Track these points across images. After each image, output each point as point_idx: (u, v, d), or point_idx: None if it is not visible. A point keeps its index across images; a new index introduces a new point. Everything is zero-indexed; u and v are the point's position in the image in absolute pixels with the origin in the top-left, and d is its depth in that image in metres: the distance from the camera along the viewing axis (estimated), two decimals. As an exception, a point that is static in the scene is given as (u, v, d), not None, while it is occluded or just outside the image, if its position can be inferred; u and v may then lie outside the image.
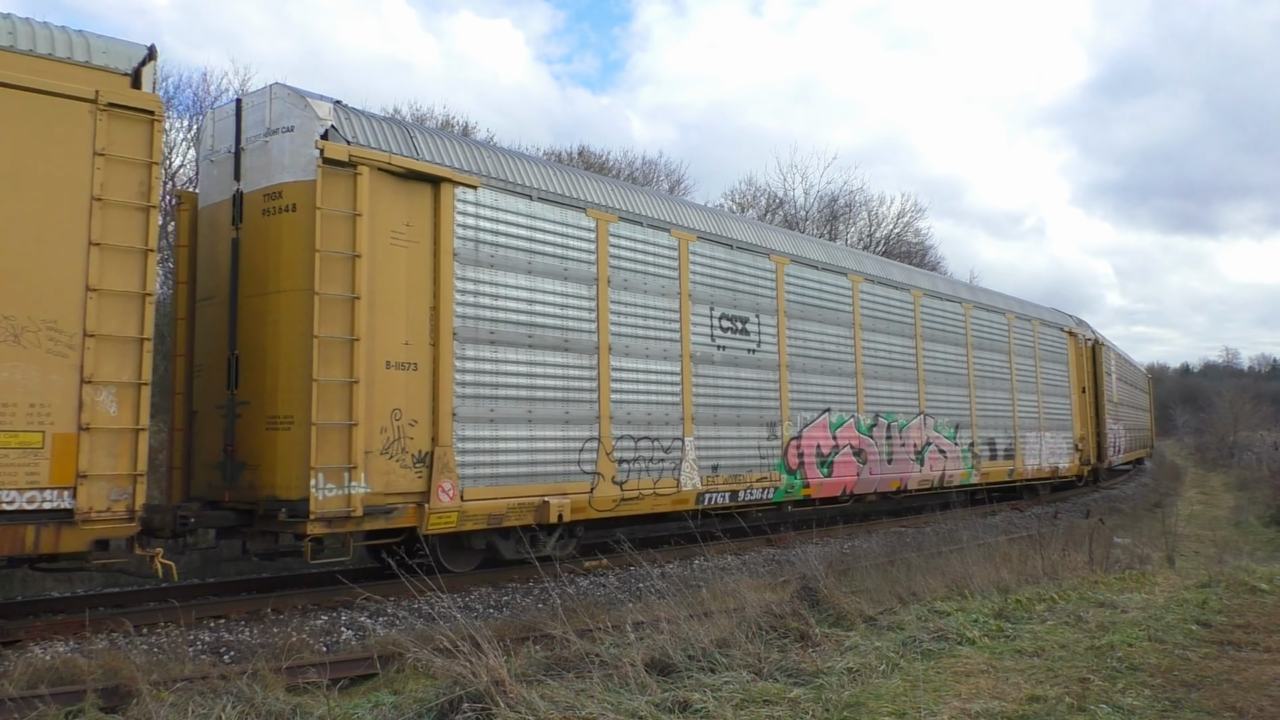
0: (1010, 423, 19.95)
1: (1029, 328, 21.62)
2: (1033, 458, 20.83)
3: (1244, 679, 5.43)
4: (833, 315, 15.04)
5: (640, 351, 11.53)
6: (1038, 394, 21.51)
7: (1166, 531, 11.68)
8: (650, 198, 12.63)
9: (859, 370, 15.37)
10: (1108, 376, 27.47)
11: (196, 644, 7.50)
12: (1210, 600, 7.77)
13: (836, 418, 14.70)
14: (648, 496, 11.29)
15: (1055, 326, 23.35)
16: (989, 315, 19.87)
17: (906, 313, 16.96)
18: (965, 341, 18.63)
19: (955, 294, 19.00)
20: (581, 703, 4.73)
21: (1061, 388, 22.98)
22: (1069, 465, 22.85)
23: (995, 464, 19.13)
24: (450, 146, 10.01)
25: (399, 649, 6.52)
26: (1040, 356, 21.99)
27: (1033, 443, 20.93)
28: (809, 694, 5.06)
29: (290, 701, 5.09)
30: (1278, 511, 20.43)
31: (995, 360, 19.83)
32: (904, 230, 42.68)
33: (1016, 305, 21.85)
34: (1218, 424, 56.33)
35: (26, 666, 6.32)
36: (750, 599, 7.08)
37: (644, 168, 35.92)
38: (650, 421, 11.50)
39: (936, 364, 17.52)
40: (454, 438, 9.33)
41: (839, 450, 14.60)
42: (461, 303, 9.60)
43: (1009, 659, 5.86)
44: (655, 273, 11.90)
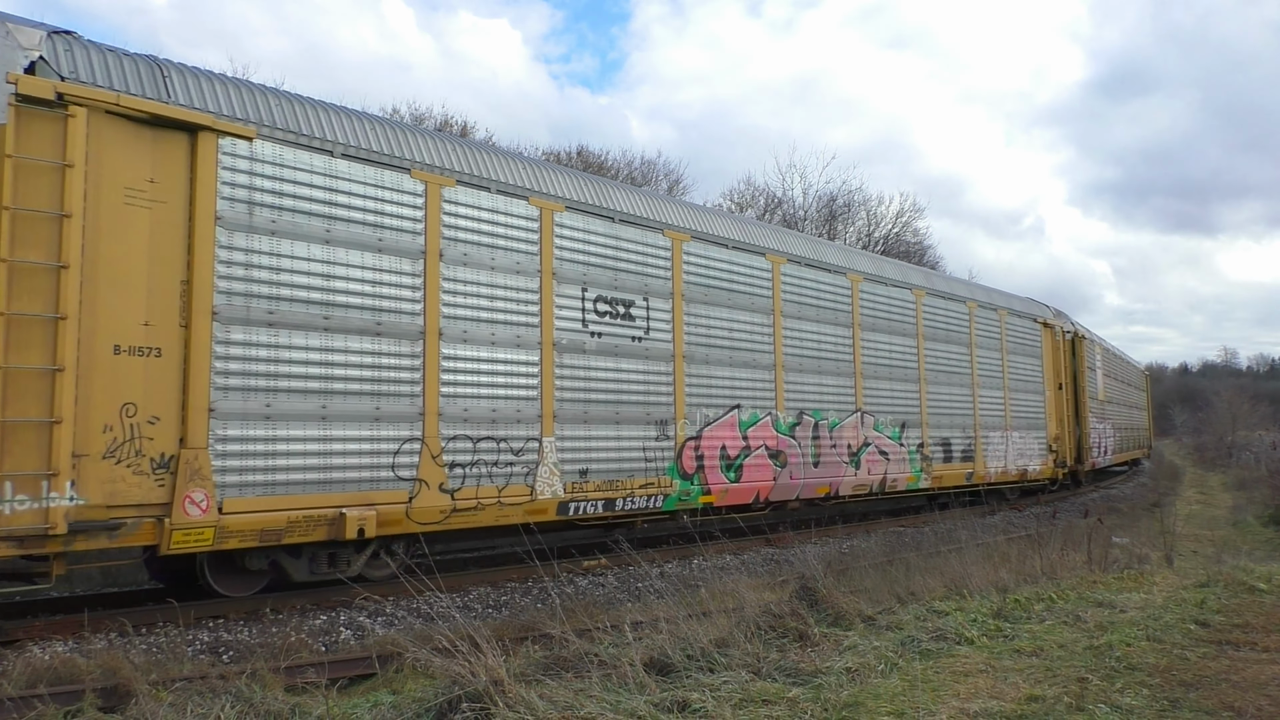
0: (970, 421, 18.23)
1: (994, 318, 19.72)
2: (996, 459, 19.09)
3: (1242, 678, 5.43)
4: (745, 300, 13.25)
5: (484, 338, 9.82)
6: (1004, 390, 19.71)
7: (1165, 531, 11.68)
8: (502, 159, 10.65)
9: (779, 363, 13.66)
10: (1091, 372, 25.51)
11: (195, 644, 7.49)
12: (1209, 600, 7.78)
13: (748, 415, 13.05)
14: (490, 506, 9.65)
15: (1027, 317, 21.35)
16: (945, 303, 17.99)
17: (843, 299, 15.19)
18: (916, 332, 16.86)
19: (905, 279, 17.18)
20: (580, 702, 4.74)
21: (1033, 383, 21.24)
22: (1040, 467, 21.09)
23: (950, 466, 17.45)
24: (218, 89, 8.34)
25: (398, 649, 6.52)
26: (1008, 349, 20.12)
27: (997, 443, 19.18)
28: (808, 694, 5.06)
29: (289, 701, 5.09)
30: (1276, 511, 20.43)
31: (953, 353, 18.00)
32: (903, 230, 42.74)
33: (981, 293, 20.10)
34: (1216, 424, 56.35)
35: (25, 666, 6.31)
36: (749, 599, 7.08)
37: (643, 167, 35.97)
38: (496, 420, 9.83)
39: (878, 356, 15.87)
40: (210, 438, 7.77)
41: (750, 452, 12.94)
42: (227, 276, 8.01)
43: (1007, 659, 5.86)
44: (508, 247, 10.15)
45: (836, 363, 14.91)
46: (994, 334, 19.64)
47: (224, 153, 8.10)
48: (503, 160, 10.59)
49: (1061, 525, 13.59)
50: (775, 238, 14.48)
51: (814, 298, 14.64)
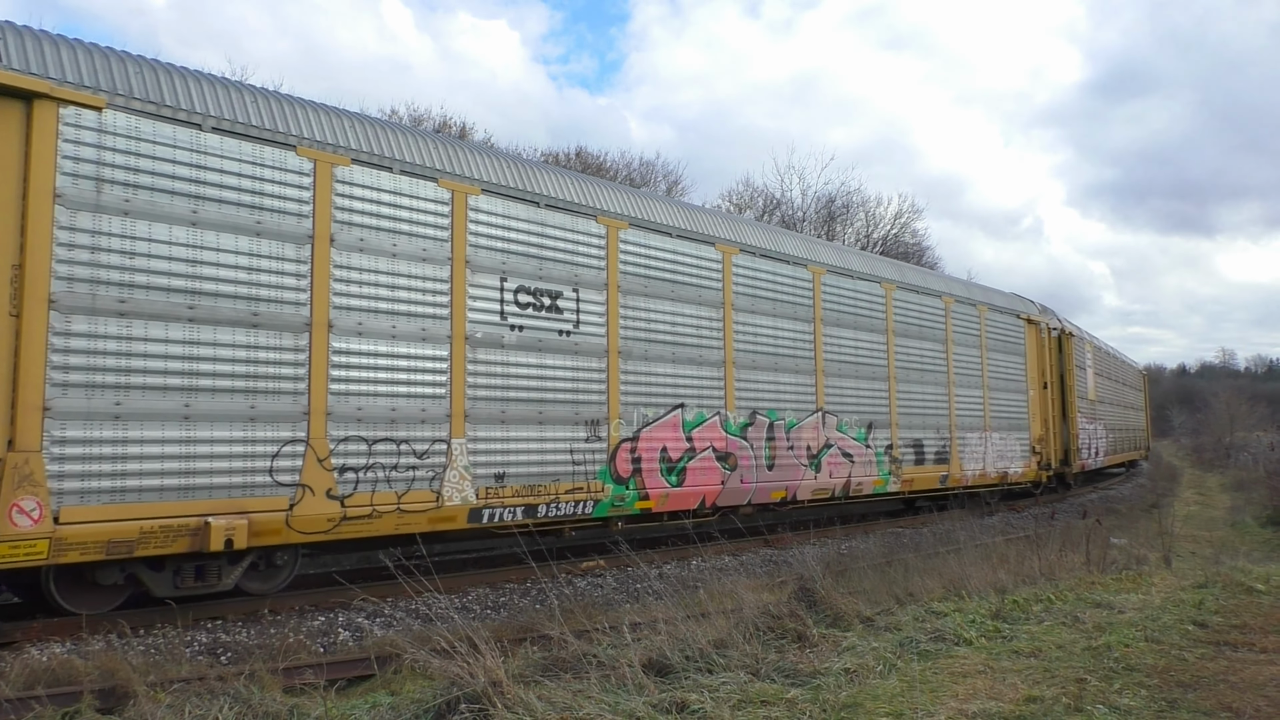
0: (945, 422, 17.24)
1: (973, 313, 18.69)
2: (974, 462, 18.05)
3: (1240, 679, 5.44)
4: (692, 293, 12.36)
5: (382, 331, 9.04)
6: (983, 389, 18.70)
7: (1163, 532, 11.69)
8: (408, 136, 9.80)
9: (729, 359, 12.73)
10: (1080, 370, 24.50)
11: (193, 645, 7.49)
12: (1207, 601, 7.79)
13: (693, 415, 12.16)
14: (387, 514, 8.85)
15: (1009, 313, 20.27)
16: (918, 298, 16.96)
17: (803, 292, 14.21)
18: (885, 328, 15.90)
19: (873, 272, 16.08)
20: (579, 703, 4.74)
21: (1016, 382, 20.19)
22: (1023, 470, 20.03)
23: (922, 469, 16.49)
24: (62, 53, 7.54)
25: (396, 650, 6.52)
26: (988, 346, 19.05)
27: (974, 444, 18.15)
28: (806, 694, 5.06)
29: (287, 702, 5.09)
30: (1274, 512, 20.46)
31: (926, 350, 17.00)
32: (901, 231, 42.79)
33: (958, 287, 19.02)
34: (1214, 425, 56.45)
35: (23, 668, 6.31)
36: (748, 600, 7.08)
37: (642, 168, 35.99)
38: (396, 420, 9.06)
39: (843, 353, 14.91)
40: (45, 440, 7.02)
41: (695, 454, 12.08)
42: (68, 260, 7.25)
43: (1006, 659, 5.87)
44: (412, 232, 9.38)
45: (795, 360, 13.96)
46: (972, 330, 18.67)
47: (66, 124, 7.33)
48: (409, 138, 9.74)
49: (1060, 526, 13.61)
50: (727, 226, 13.52)
51: (770, 291, 13.68)
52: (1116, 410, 31.83)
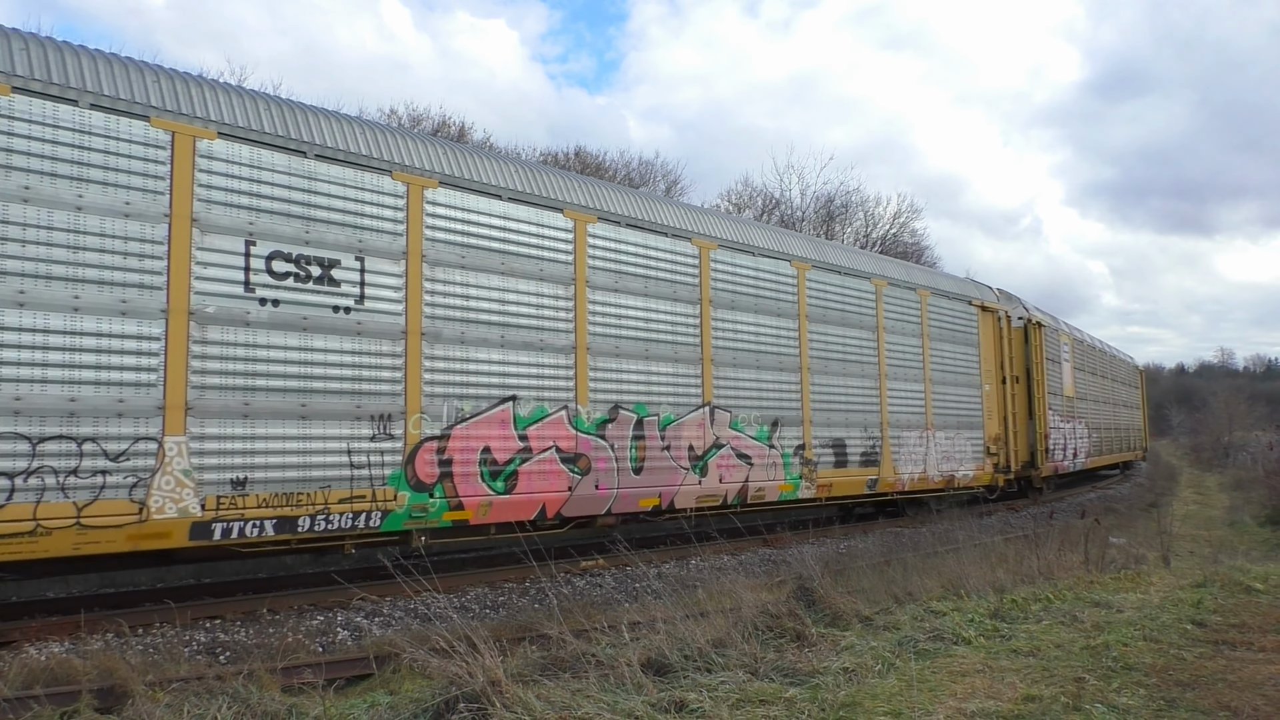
0: (875, 419, 15.33)
1: (912, 299, 16.65)
2: (911, 464, 16.02)
3: (1239, 678, 5.44)
4: (531, 267, 10.44)
5: (56, 302, 7.30)
6: (925, 382, 16.66)
7: (1162, 531, 11.70)
8: (111, 63, 8.04)
9: (582, 345, 10.86)
10: (1052, 364, 22.50)
11: (192, 644, 7.49)
12: (1205, 600, 7.79)
13: (530, 409, 10.30)
14: (62, 531, 7.10)
15: (959, 299, 18.13)
16: (841, 280, 15.03)
17: (685, 270, 12.30)
18: (797, 312, 13.94)
19: (782, 249, 14.04)
20: (578, 703, 4.74)
21: (968, 375, 18.05)
22: (974, 473, 17.87)
23: (844, 472, 14.57)
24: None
25: (395, 649, 6.52)
26: (931, 335, 16.99)
27: (913, 445, 16.15)
28: (805, 694, 5.06)
29: (286, 702, 5.09)
30: (1273, 511, 20.47)
31: (852, 338, 15.08)
32: (900, 231, 42.79)
33: (895, 269, 17.02)
34: (1213, 424, 56.43)
35: (22, 667, 6.31)
36: (746, 599, 7.08)
37: (641, 168, 35.98)
38: (77, 413, 7.30)
39: (740, 340, 13.01)
40: None
41: (532, 455, 10.23)
42: None
43: (1004, 659, 5.87)
44: (108, 180, 7.64)
45: (674, 346, 12.04)
46: (911, 317, 16.61)
47: None
48: (112, 66, 8.02)
49: (1058, 526, 13.61)
50: (584, 191, 11.42)
51: (641, 267, 11.76)
52: (1105, 408, 29.86)
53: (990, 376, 19.00)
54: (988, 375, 18.89)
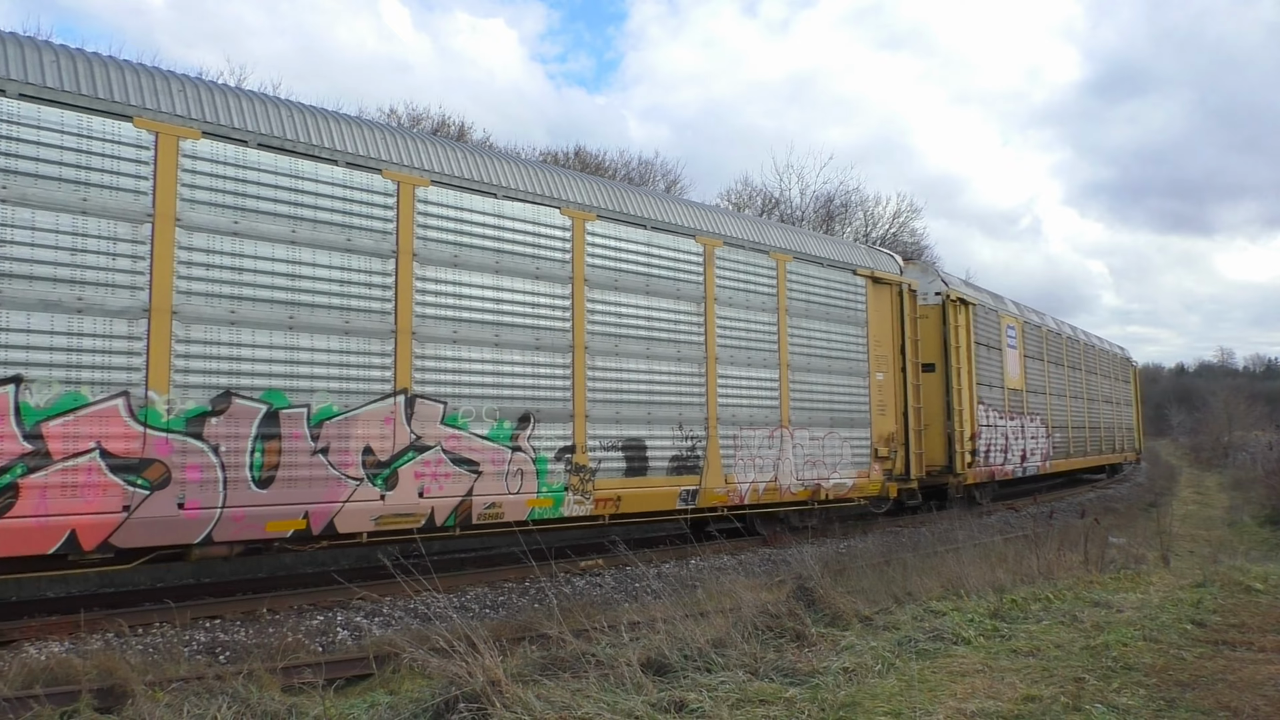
0: (700, 414, 12.14)
1: (764, 264, 13.33)
2: (756, 470, 12.83)
3: (1238, 678, 5.45)
4: (59, 194, 7.52)
5: None
6: (781, 368, 13.40)
7: (1161, 531, 11.71)
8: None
9: (161, 306, 7.90)
10: (987, 350, 19.11)
11: (192, 644, 7.49)
12: (1205, 600, 7.80)
13: (51, 396, 7.32)
14: None
15: (837, 267, 14.67)
16: (648, 235, 11.78)
17: (366, 210, 9.21)
18: (570, 275, 10.76)
19: (548, 192, 10.74)
20: (577, 702, 4.74)
21: (849, 361, 14.62)
22: (854, 480, 14.49)
23: (643, 482, 11.37)
24: None
25: (395, 649, 6.52)
26: (791, 310, 13.68)
27: (759, 447, 12.92)
28: (805, 694, 5.06)
29: (286, 702, 5.09)
30: (1272, 511, 20.49)
31: (660, 312, 11.80)
32: (900, 230, 42.78)
33: (736, 225, 13.43)
34: (1212, 424, 56.50)
35: (21, 667, 6.31)
36: (746, 599, 7.08)
37: (640, 168, 35.99)
38: None
39: (463, 309, 9.84)
40: None
41: (51, 462, 7.25)
42: None
43: (1004, 659, 5.87)
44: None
45: (345, 314, 8.99)
46: (762, 287, 13.30)
47: None
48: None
49: (1058, 526, 13.62)
50: (166, 90, 8.24)
51: (287, 203, 8.73)
52: (1076, 404, 26.09)
53: (885, 363, 15.34)
54: (880, 361, 15.25)
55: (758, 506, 13.13)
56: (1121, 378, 33.16)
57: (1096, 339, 30.63)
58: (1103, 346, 30.82)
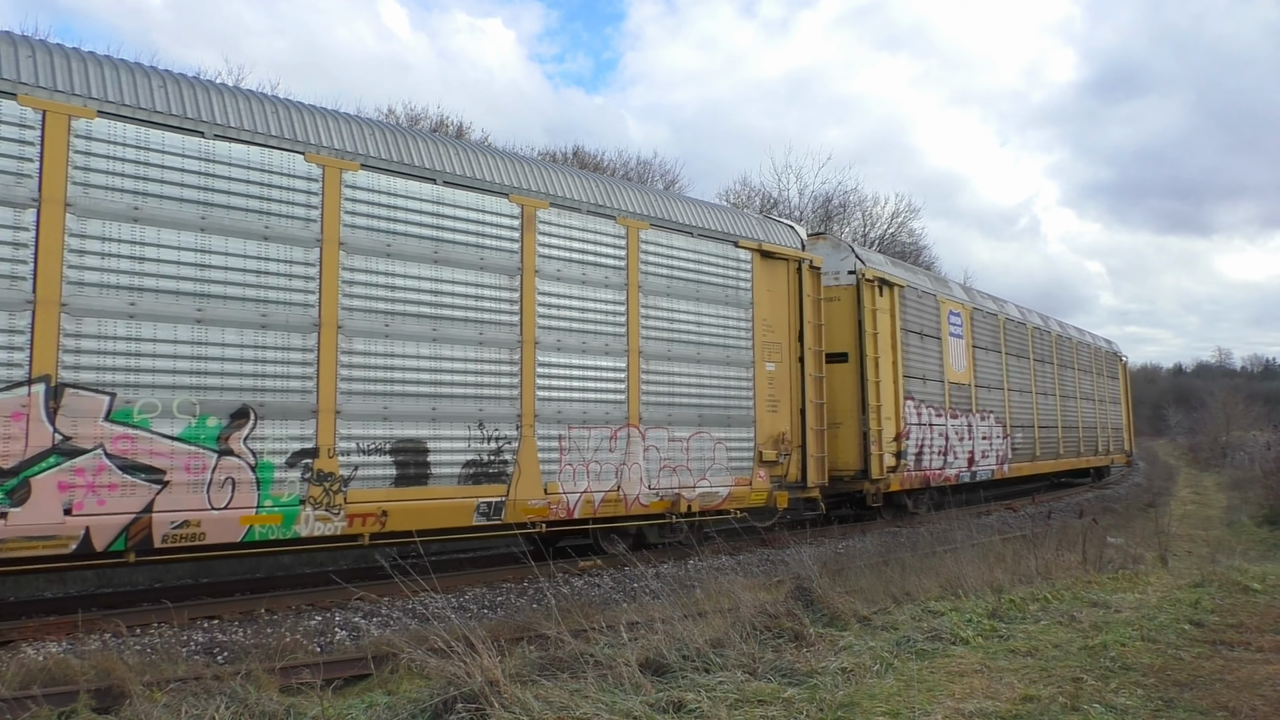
0: (509, 410, 9.97)
1: (610, 231, 11.06)
2: (593, 478, 10.69)
3: (1236, 678, 5.45)
4: None
5: None
6: (630, 356, 11.21)
7: (1159, 531, 11.72)
8: None
9: None
10: (920, 339, 16.86)
11: (190, 644, 7.48)
12: (1203, 600, 7.81)
13: None
14: None
15: (713, 237, 12.38)
16: (438, 193, 9.56)
17: None
18: (320, 237, 8.74)
19: (287, 133, 8.72)
20: (576, 703, 4.74)
21: (730, 349, 12.45)
22: (731, 489, 12.26)
23: (423, 493, 9.26)
24: None
25: (393, 649, 6.51)
26: (648, 288, 11.49)
27: (596, 449, 10.76)
28: (803, 694, 5.07)
29: (284, 702, 5.09)
30: (1270, 511, 20.50)
31: (452, 285, 9.63)
32: (898, 230, 42.82)
33: (571, 183, 11.01)
34: (1210, 424, 56.58)
35: (19, 667, 6.30)
36: (745, 599, 7.09)
37: (639, 168, 36.00)
38: None
39: (154, 276, 7.86)
40: None
41: None
42: None
43: (1003, 659, 5.88)
44: None
45: None
46: (607, 258, 11.06)
47: None
48: None
49: (1057, 526, 13.63)
50: None
51: None
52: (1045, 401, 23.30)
53: (779, 352, 13.18)
54: (771, 350, 13.05)
55: (594, 521, 11.00)
56: (1108, 373, 30.37)
57: (1075, 330, 28.07)
58: (1084, 339, 28.07)
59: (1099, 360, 29.21)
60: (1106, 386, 29.80)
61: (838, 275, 15.43)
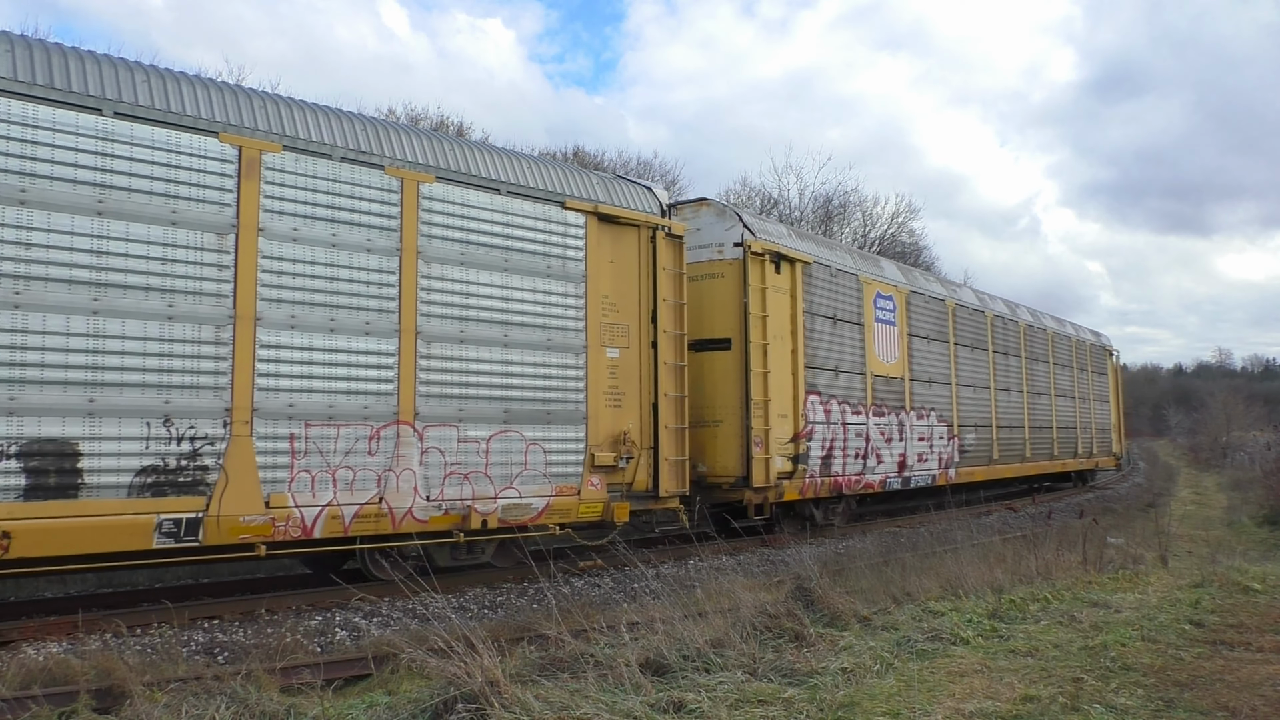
0: (214, 401, 8.00)
1: (379, 185, 9.09)
2: (346, 488, 8.64)
3: (1236, 678, 5.46)
4: None
5: None
6: (403, 336, 9.14)
7: (1159, 531, 11.72)
8: None
9: None
10: (823, 323, 14.52)
11: (190, 645, 7.48)
12: (1203, 600, 7.81)
13: None
14: None
15: (531, 196, 10.27)
16: (106, 126, 7.57)
17: None
18: None
19: None
20: (576, 703, 4.74)
21: (555, 332, 10.33)
22: (559, 500, 10.23)
23: (68, 508, 7.20)
24: None
25: (393, 649, 6.51)
26: (430, 254, 9.38)
27: (356, 452, 8.76)
28: (803, 694, 5.07)
29: (284, 702, 5.09)
30: (1271, 511, 20.50)
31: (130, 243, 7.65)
32: (898, 231, 42.81)
33: (319, 124, 8.92)
34: (1211, 424, 56.59)
35: (19, 667, 6.30)
36: (745, 599, 7.09)
37: (639, 168, 36.00)
38: None
39: None
40: None
41: None
42: None
43: (1003, 659, 5.88)
44: None
45: None
46: (371, 218, 9.02)
47: None
48: None
49: (1057, 526, 13.64)
50: None
51: None
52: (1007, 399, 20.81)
53: (623, 335, 11.11)
54: (614, 333, 11.03)
55: (344, 541, 8.77)
56: (1094, 368, 27.28)
57: (1053, 320, 25.18)
58: (1062, 330, 25.11)
59: (1082, 354, 26.35)
60: (1092, 383, 26.95)
61: (721, 248, 13.32)
